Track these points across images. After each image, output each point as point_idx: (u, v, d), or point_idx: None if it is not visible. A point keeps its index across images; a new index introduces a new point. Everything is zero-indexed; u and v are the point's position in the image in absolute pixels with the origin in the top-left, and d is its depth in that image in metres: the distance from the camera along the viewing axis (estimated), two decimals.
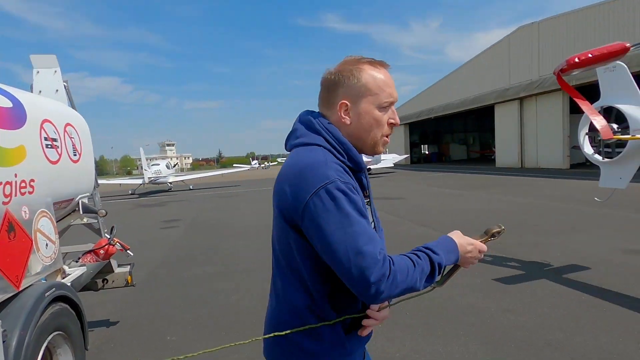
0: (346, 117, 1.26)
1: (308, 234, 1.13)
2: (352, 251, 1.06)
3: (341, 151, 1.23)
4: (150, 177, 24.62)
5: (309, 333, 1.21)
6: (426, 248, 1.19)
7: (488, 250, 1.35)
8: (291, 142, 1.31)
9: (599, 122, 5.14)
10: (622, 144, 5.41)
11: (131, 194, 25.55)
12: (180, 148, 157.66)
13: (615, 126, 5.47)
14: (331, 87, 1.28)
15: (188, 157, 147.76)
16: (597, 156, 5.72)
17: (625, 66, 5.40)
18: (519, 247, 6.98)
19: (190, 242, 9.29)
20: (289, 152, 1.31)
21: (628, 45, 4.64)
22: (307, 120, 1.30)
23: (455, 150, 49.17)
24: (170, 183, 26.74)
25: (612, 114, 5.52)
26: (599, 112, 5.62)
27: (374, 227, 1.32)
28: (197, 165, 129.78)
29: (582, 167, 24.09)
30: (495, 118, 30.77)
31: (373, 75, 1.25)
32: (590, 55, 4.84)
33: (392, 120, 1.29)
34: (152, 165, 27.16)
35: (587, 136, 5.87)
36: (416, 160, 47.79)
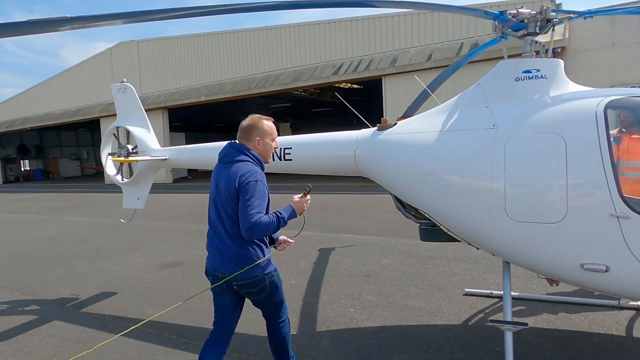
0: (259, 146, 2.85)
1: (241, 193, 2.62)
2: (255, 209, 2.55)
3: (259, 163, 2.81)
4: None
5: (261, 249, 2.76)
6: (279, 212, 2.66)
7: None
8: (230, 159, 2.78)
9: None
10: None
11: None
12: None
13: (130, 147, 5.53)
14: (249, 130, 2.86)
15: None
16: (117, 177, 5.65)
17: (133, 88, 5.55)
18: (59, 280, 6.15)
19: None
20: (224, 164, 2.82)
21: None
22: (237, 148, 2.82)
23: (65, 167, 43.58)
24: None
25: (130, 136, 5.57)
26: (114, 134, 5.55)
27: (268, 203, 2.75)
28: None
29: (184, 181, 26.48)
30: (102, 131, 29.30)
31: (268, 124, 2.92)
32: None
33: (275, 146, 2.97)
34: None
35: (109, 156, 5.73)
36: (13, 179, 39.16)
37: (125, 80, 5.51)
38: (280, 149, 4.31)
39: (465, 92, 3.59)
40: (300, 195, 2.83)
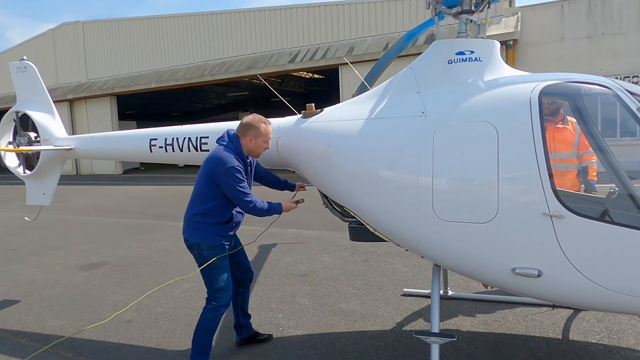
0: (250, 144, 3.10)
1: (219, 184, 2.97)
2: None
3: (234, 152, 3.05)
4: None
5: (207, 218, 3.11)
6: (273, 205, 3.16)
7: None
8: (218, 142, 3.14)
9: None
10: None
11: None
12: None
13: (33, 135, 4.84)
14: (246, 127, 3.11)
15: None
16: (19, 170, 4.94)
17: (34, 67, 4.85)
18: None
19: None
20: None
21: None
22: (228, 135, 3.13)
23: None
24: None
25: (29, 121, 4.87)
26: (14, 119, 4.84)
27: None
28: None
29: (136, 172, 25.20)
30: None
31: (265, 127, 3.13)
32: None
33: (266, 145, 3.18)
34: None
35: (11, 146, 5.00)
36: None
37: (25, 57, 4.80)
38: (196, 138, 3.81)
39: (396, 76, 3.22)
40: (293, 200, 3.31)
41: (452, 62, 2.92)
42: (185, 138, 3.85)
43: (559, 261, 2.45)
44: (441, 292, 4.33)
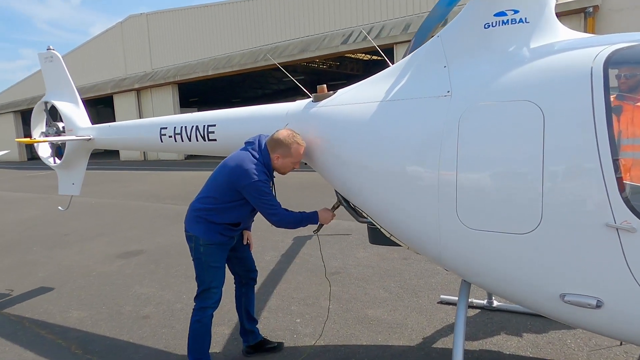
0: (277, 162, 2.78)
1: (245, 195, 2.74)
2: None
3: (262, 164, 2.76)
4: None
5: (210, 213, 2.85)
6: (306, 214, 2.83)
7: None
8: (247, 146, 2.84)
9: None
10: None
11: None
12: None
13: (61, 125, 4.83)
14: (277, 144, 2.74)
15: None
16: (50, 160, 4.98)
17: (60, 56, 4.80)
18: (4, 271, 5.66)
19: None
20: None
21: None
22: (259, 143, 2.81)
23: None
24: None
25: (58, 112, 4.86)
26: (44, 109, 4.86)
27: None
28: None
29: (198, 157, 26.09)
30: (115, 108, 29.16)
31: (296, 149, 2.72)
32: None
33: (294, 166, 2.83)
34: None
35: (42, 135, 5.05)
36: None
37: (51, 47, 4.77)
38: (204, 126, 3.50)
39: (422, 48, 2.63)
40: (332, 207, 3.04)
41: (489, 25, 2.29)
42: (193, 127, 3.55)
43: (628, 289, 1.81)
44: (484, 301, 3.73)
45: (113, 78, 28.60)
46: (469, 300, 3.76)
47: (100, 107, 42.98)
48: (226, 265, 3.05)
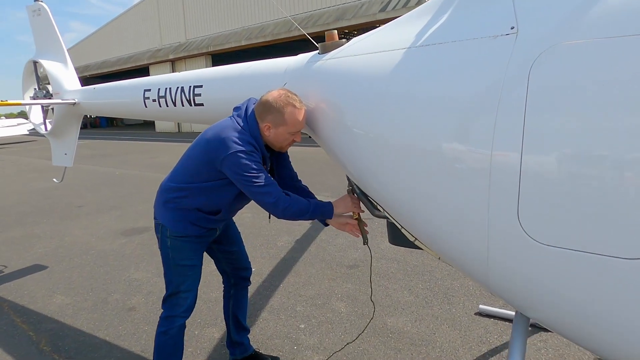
0: (267, 133, 2.06)
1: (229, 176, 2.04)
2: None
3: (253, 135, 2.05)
4: None
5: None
6: (317, 203, 2.12)
7: None
8: (233, 112, 2.15)
9: None
10: (47, 110, 4.33)
11: None
12: None
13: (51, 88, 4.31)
14: (265, 108, 2.02)
15: None
16: (42, 127, 4.50)
17: (47, 9, 4.23)
18: (6, 244, 5.36)
19: None
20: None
21: None
22: (246, 112, 2.09)
23: None
24: None
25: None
26: (34, 70, 4.34)
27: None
28: None
29: None
30: None
31: (291, 113, 1.99)
32: None
33: (294, 137, 2.10)
34: None
35: (31, 99, 4.56)
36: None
37: None
38: (189, 87, 2.83)
39: None
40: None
41: None
42: (178, 88, 2.89)
43: None
44: None
45: (149, 49, 28.56)
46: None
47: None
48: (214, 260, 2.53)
